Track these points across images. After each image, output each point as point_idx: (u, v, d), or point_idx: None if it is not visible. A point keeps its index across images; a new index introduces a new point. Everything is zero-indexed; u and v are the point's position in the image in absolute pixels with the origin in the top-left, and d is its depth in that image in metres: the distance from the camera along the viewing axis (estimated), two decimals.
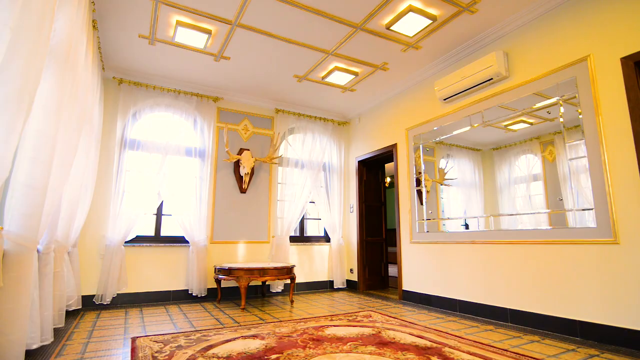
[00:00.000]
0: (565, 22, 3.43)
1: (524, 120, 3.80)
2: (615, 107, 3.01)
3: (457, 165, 4.63)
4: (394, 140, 5.56)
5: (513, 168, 3.93)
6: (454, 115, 4.54)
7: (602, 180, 3.03)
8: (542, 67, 3.59)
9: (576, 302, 3.16)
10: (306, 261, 6.09)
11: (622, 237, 2.89)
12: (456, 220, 4.49)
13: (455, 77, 4.30)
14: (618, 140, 2.97)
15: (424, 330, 3.33)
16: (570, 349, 2.81)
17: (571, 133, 3.33)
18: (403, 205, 5.27)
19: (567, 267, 3.24)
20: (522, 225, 3.71)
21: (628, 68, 2.93)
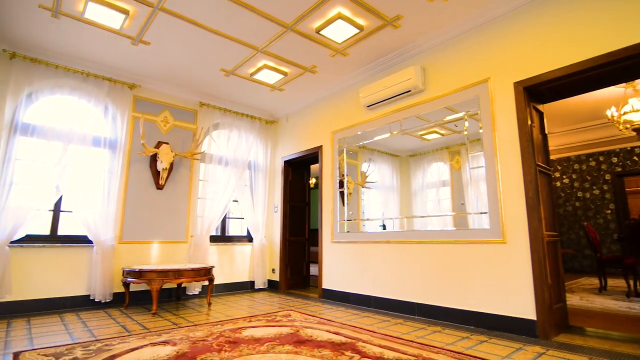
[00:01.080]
0: (471, 47, 3.86)
1: (436, 131, 4.18)
2: (507, 125, 3.47)
3: (378, 170, 4.90)
4: (320, 142, 5.69)
5: (426, 174, 4.29)
6: (376, 122, 4.80)
7: (495, 188, 3.47)
8: (452, 84, 3.98)
9: (472, 295, 3.56)
10: (227, 262, 5.91)
11: (508, 237, 3.34)
12: (375, 221, 4.75)
13: (378, 86, 4.55)
14: (509, 154, 3.42)
15: (340, 326, 3.46)
16: (465, 336, 3.16)
17: (473, 145, 3.75)
18: (326, 206, 5.41)
19: (466, 264, 3.63)
20: (431, 227, 4.06)
21: (518, 92, 3.40)
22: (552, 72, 3.19)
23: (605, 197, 8.17)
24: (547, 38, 3.28)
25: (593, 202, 8.33)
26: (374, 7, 3.65)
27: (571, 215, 8.61)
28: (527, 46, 3.41)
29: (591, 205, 8.35)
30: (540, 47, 3.31)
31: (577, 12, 3.13)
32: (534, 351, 2.74)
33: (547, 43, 3.27)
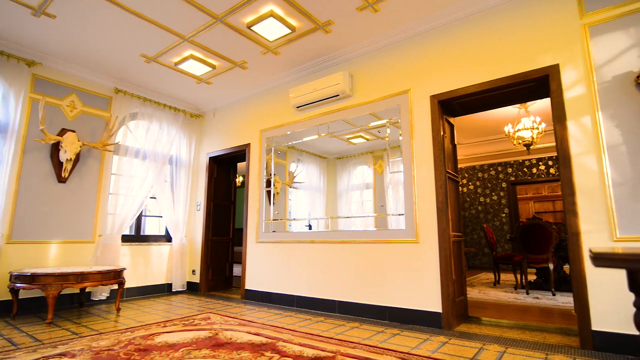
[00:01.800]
0: (395, 59, 4.12)
1: (362, 136, 4.37)
2: (423, 134, 3.77)
3: (306, 170, 4.96)
4: (248, 140, 5.58)
5: (351, 176, 4.47)
6: (305, 123, 4.86)
7: (411, 192, 3.75)
8: (377, 92, 4.21)
9: (388, 291, 3.79)
10: (141, 263, 5.47)
11: (421, 237, 3.63)
12: (301, 221, 4.80)
13: (308, 88, 4.62)
14: (423, 161, 3.72)
15: (262, 327, 3.42)
16: (380, 330, 3.35)
17: (394, 151, 4.00)
18: (252, 205, 5.32)
19: (384, 262, 3.86)
20: (354, 227, 4.24)
21: (433, 105, 3.71)
22: (462, 89, 3.56)
23: (502, 202, 9.34)
24: (458, 59, 3.64)
25: (492, 206, 9.46)
26: (306, 10, 3.69)
27: (474, 218, 9.67)
28: (441, 64, 3.75)
29: (490, 209, 9.47)
30: (453, 66, 3.67)
31: (482, 39, 3.53)
32: (439, 341, 3.01)
33: (458, 63, 3.64)
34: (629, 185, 2.71)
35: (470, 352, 2.69)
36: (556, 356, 2.61)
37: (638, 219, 2.65)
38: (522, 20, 3.33)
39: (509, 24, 3.39)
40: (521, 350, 2.73)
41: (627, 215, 2.69)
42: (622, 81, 2.80)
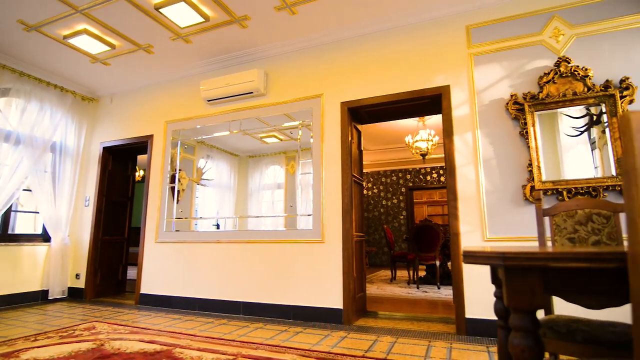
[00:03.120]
0: (310, 63, 4.21)
1: (275, 136, 4.36)
2: (333, 138, 3.93)
3: (216, 167, 4.75)
4: (151, 131, 5.13)
5: (263, 176, 4.42)
6: (217, 118, 4.67)
7: (319, 193, 3.87)
8: (292, 94, 4.25)
9: (294, 290, 3.85)
10: (8, 268, 4.62)
11: (326, 237, 3.77)
12: (209, 220, 4.59)
13: (221, 82, 4.44)
14: (332, 164, 3.88)
15: (157, 334, 3.18)
16: (283, 330, 3.39)
17: (305, 153, 4.08)
18: (152, 202, 4.91)
19: (292, 262, 3.91)
20: (264, 227, 4.20)
21: (343, 111, 3.90)
22: (370, 99, 3.81)
23: (401, 205, 10.24)
24: (368, 70, 3.89)
25: (392, 209, 10.31)
26: (222, 1, 3.55)
27: (377, 219, 10.42)
28: (353, 73, 3.96)
29: (391, 212, 10.31)
30: (363, 76, 3.90)
31: (390, 55, 3.82)
32: (338, 336, 3.16)
33: (368, 74, 3.88)
34: (498, 193, 3.21)
35: (366, 345, 2.88)
36: (437, 342, 2.95)
37: (503, 222, 3.15)
38: (424, 42, 3.70)
39: (413, 44, 3.74)
40: (409, 340, 3.02)
41: (495, 219, 3.18)
42: (496, 105, 3.32)
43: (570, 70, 3.08)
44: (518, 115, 3.19)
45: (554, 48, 3.21)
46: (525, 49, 3.31)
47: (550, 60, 3.21)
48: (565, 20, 3.21)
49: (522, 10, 3.36)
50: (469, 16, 3.55)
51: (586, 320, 1.56)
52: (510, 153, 3.22)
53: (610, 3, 3.10)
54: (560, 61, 3.12)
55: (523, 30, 3.34)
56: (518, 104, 3.20)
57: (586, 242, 1.80)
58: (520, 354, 0.99)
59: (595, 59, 3.08)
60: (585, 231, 1.80)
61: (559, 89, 3.10)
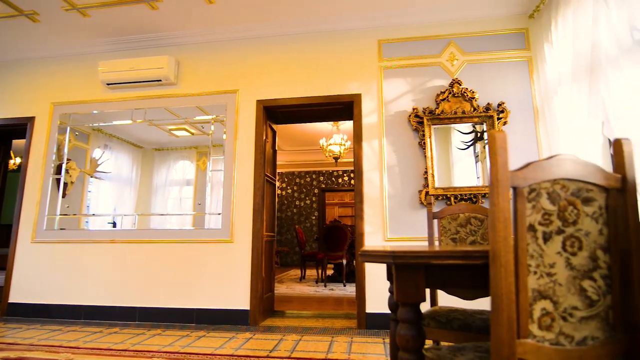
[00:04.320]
0: (227, 56, 4.07)
1: (186, 129, 4.10)
2: (246, 136, 3.85)
3: (115, 159, 4.28)
4: (33, 113, 4.40)
5: (171, 171, 4.12)
6: (118, 105, 4.21)
7: (230, 191, 3.76)
8: (205, 87, 4.05)
9: (200, 292, 3.66)
10: None
11: (235, 237, 3.68)
12: (103, 218, 4.10)
13: (125, 65, 4.02)
14: (244, 162, 3.80)
15: (28, 349, 2.73)
16: (185, 335, 3.20)
17: (217, 149, 3.93)
18: (30, 196, 4.21)
19: (198, 263, 3.72)
20: (170, 225, 3.92)
21: (259, 109, 3.86)
22: (287, 99, 3.83)
23: (313, 206, 10.51)
24: (286, 70, 3.91)
25: (305, 209, 10.52)
26: None
27: (289, 219, 10.52)
28: (271, 72, 3.94)
29: (304, 212, 10.51)
30: (281, 76, 3.91)
31: (309, 58, 3.90)
32: (244, 337, 3.10)
33: (286, 75, 3.90)
34: (398, 197, 3.50)
35: (271, 345, 2.88)
36: (339, 337, 3.09)
37: (401, 224, 3.45)
38: (341, 50, 3.86)
39: (331, 51, 3.87)
40: (314, 337, 3.11)
41: (395, 221, 3.46)
42: (401, 117, 3.62)
43: (461, 92, 3.51)
44: (418, 127, 3.53)
45: (449, 70, 3.64)
46: (426, 68, 3.68)
47: (446, 80, 3.62)
48: (460, 47, 3.66)
49: (426, 33, 3.73)
50: (381, 31, 3.81)
51: (462, 310, 1.79)
52: (410, 161, 3.54)
53: (495, 38, 3.63)
54: (454, 82, 3.54)
55: (426, 51, 3.70)
56: (418, 117, 3.54)
57: (465, 242, 2.07)
58: (405, 343, 1.09)
59: (480, 84, 3.56)
60: (465, 232, 2.07)
61: (452, 107, 3.51)
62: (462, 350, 1.15)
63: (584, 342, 0.88)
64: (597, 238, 0.91)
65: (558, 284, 0.88)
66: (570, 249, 0.89)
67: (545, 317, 0.87)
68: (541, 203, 0.87)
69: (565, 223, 0.88)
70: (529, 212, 0.86)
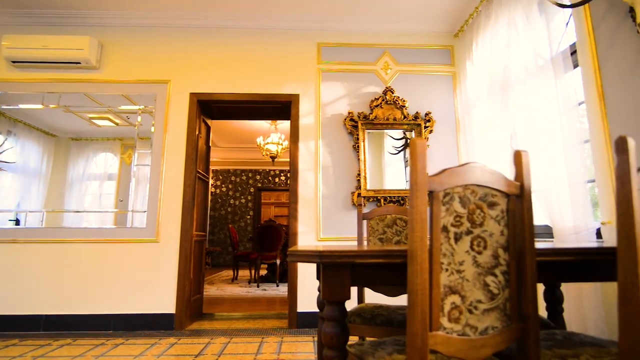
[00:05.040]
0: (160, 44, 3.81)
1: (110, 119, 3.76)
2: (178, 130, 3.65)
3: (21, 147, 3.76)
4: None
5: (90, 164, 3.74)
6: (27, 86, 3.72)
7: (157, 188, 3.53)
8: (133, 74, 3.75)
9: (118, 297, 3.38)
10: None
11: (161, 236, 3.47)
12: (3, 214, 3.58)
13: (35, 42, 3.57)
14: (174, 157, 3.60)
15: None
16: (99, 343, 2.93)
17: (144, 142, 3.66)
18: None
19: (120, 265, 3.42)
20: (87, 224, 3.55)
21: (192, 103, 3.68)
22: (223, 94, 3.71)
23: (249, 205, 10.31)
24: (225, 65, 3.78)
25: (240, 208, 10.28)
26: None
27: (223, 218, 10.20)
28: (208, 65, 3.78)
29: (238, 211, 10.26)
30: (219, 70, 3.77)
31: (249, 54, 3.82)
32: (168, 343, 2.93)
33: (224, 69, 3.77)
34: (332, 198, 3.59)
35: (197, 349, 2.76)
36: (270, 338, 3.07)
37: (334, 224, 3.54)
38: (281, 49, 3.83)
39: (272, 49, 3.83)
40: (244, 338, 3.05)
41: (328, 221, 3.54)
42: (337, 120, 3.71)
43: (393, 99, 3.71)
44: (353, 130, 3.65)
45: (383, 78, 3.82)
46: (362, 74, 3.82)
47: (380, 87, 3.79)
48: (393, 57, 3.86)
49: (363, 41, 3.87)
50: (321, 35, 3.87)
51: (387, 306, 1.88)
52: (344, 163, 3.65)
53: (425, 52, 3.90)
54: (387, 90, 3.72)
55: (362, 58, 3.84)
56: (353, 121, 3.66)
57: (391, 242, 2.19)
58: (329, 340, 1.12)
59: (411, 93, 3.80)
60: (391, 232, 2.19)
61: (385, 113, 3.69)
62: (382, 344, 1.21)
63: (485, 332, 0.98)
64: (499, 238, 1.02)
65: (466, 280, 0.97)
66: (477, 248, 0.98)
67: (454, 311, 0.95)
68: (454, 206, 0.96)
69: (473, 225, 0.98)
70: (443, 214, 0.94)
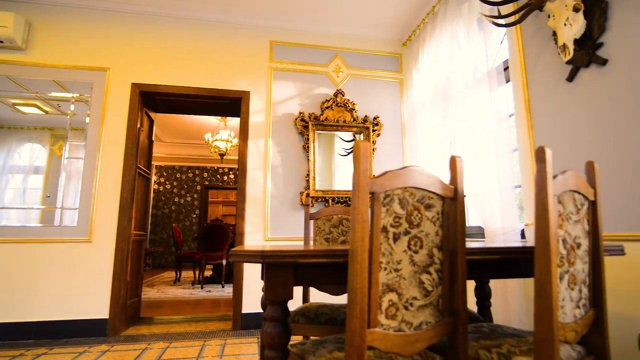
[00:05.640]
0: (99, 27, 3.54)
1: (37, 106, 3.41)
2: (116, 122, 3.41)
3: None
4: None
5: (12, 154, 3.36)
6: None
7: (91, 184, 3.27)
8: (66, 59, 3.44)
9: (44, 302, 3.07)
10: None
11: (95, 236, 3.21)
12: None
13: None
14: (112, 151, 3.35)
15: None
16: (17, 354, 2.64)
17: (78, 133, 3.37)
18: None
19: (46, 267, 3.11)
20: (7, 222, 3.18)
21: (134, 93, 3.46)
22: (170, 87, 3.53)
23: (195, 204, 9.91)
24: (173, 56, 3.60)
25: (185, 207, 9.85)
26: None
27: (167, 217, 9.70)
28: (152, 54, 3.58)
29: (183, 210, 9.82)
30: (166, 61, 3.58)
31: (200, 47, 3.67)
32: (99, 350, 2.72)
33: (172, 61, 3.59)
34: (280, 197, 3.57)
35: (132, 356, 2.60)
36: (212, 341, 2.98)
37: (282, 224, 3.52)
38: (233, 44, 3.73)
39: (224, 43, 3.71)
40: (184, 342, 2.92)
41: (276, 220, 3.52)
42: (287, 119, 3.70)
43: (343, 102, 3.78)
44: (303, 131, 3.66)
45: (334, 81, 3.88)
46: (314, 75, 3.84)
47: (331, 90, 3.85)
48: (345, 61, 3.94)
49: (316, 42, 3.90)
50: (274, 33, 3.83)
51: (330, 305, 1.91)
52: (294, 163, 3.64)
53: (376, 58, 4.02)
54: (338, 92, 3.79)
55: (315, 59, 3.87)
56: (304, 122, 3.67)
57: (337, 242, 2.23)
58: (271, 341, 1.11)
59: (361, 97, 3.89)
60: (337, 232, 2.23)
61: (335, 115, 3.75)
62: (324, 343, 1.23)
63: (419, 327, 1.03)
64: (434, 238, 1.08)
65: (403, 278, 1.01)
66: (414, 248, 1.03)
67: (391, 308, 0.99)
68: (393, 207, 1.00)
69: (411, 225, 1.02)
70: (383, 215, 0.98)
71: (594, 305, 1.20)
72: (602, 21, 1.87)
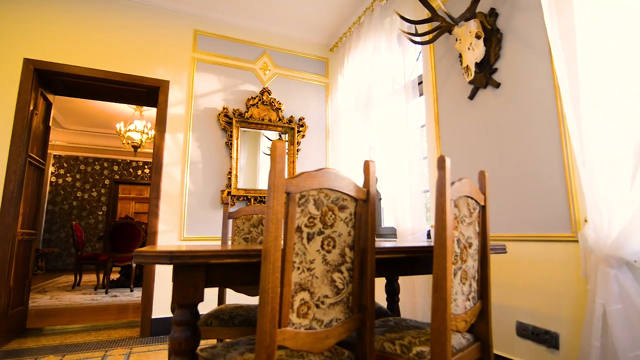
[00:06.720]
0: None
1: None
2: (3, 102, 2.92)
3: None
4: None
5: None
6: None
7: None
8: None
9: None
10: None
11: None
12: None
13: None
14: None
15: None
16: None
17: None
18: None
19: None
20: None
21: (27, 71, 2.99)
22: (74, 67, 3.13)
23: (102, 199, 8.94)
24: (80, 32, 3.19)
25: (90, 203, 8.83)
26: None
27: (66, 214, 8.60)
28: (56, 28, 3.13)
29: (87, 206, 8.80)
30: (71, 36, 3.16)
31: (114, 26, 3.31)
32: None
33: (78, 37, 3.18)
34: (199, 195, 3.40)
35: None
36: (115, 350, 2.72)
37: (200, 223, 3.36)
38: (154, 28, 3.44)
39: (142, 26, 3.40)
40: (80, 354, 2.62)
41: (193, 219, 3.34)
42: (210, 114, 3.55)
43: (270, 101, 3.75)
44: (227, 127, 3.55)
45: (261, 79, 3.82)
46: (241, 71, 3.75)
47: (257, 87, 3.79)
48: (272, 59, 3.91)
49: (244, 37, 3.81)
50: (199, 22, 3.64)
51: (247, 306, 1.88)
52: (215, 159, 3.51)
53: (303, 60, 4.06)
54: (264, 91, 3.74)
55: (242, 54, 3.77)
56: (228, 118, 3.55)
57: (256, 241, 2.20)
58: (178, 347, 1.05)
59: (287, 97, 3.90)
60: (257, 232, 2.20)
61: (261, 114, 3.70)
62: (236, 345, 1.20)
63: (330, 324, 1.07)
64: (347, 238, 1.12)
65: (315, 277, 1.03)
66: (327, 247, 1.06)
67: (303, 306, 1.00)
68: (308, 208, 1.02)
69: (325, 226, 1.05)
70: (298, 215, 0.99)
71: (480, 297, 1.37)
72: (497, 49, 2.15)
